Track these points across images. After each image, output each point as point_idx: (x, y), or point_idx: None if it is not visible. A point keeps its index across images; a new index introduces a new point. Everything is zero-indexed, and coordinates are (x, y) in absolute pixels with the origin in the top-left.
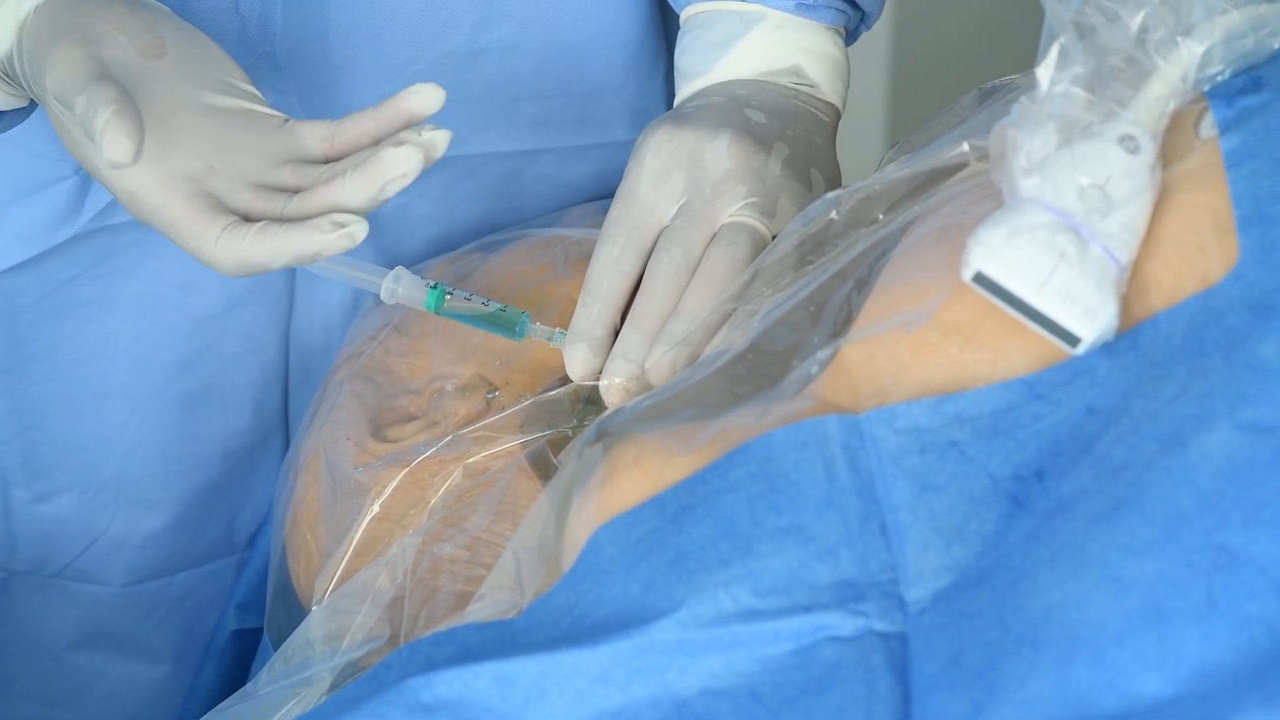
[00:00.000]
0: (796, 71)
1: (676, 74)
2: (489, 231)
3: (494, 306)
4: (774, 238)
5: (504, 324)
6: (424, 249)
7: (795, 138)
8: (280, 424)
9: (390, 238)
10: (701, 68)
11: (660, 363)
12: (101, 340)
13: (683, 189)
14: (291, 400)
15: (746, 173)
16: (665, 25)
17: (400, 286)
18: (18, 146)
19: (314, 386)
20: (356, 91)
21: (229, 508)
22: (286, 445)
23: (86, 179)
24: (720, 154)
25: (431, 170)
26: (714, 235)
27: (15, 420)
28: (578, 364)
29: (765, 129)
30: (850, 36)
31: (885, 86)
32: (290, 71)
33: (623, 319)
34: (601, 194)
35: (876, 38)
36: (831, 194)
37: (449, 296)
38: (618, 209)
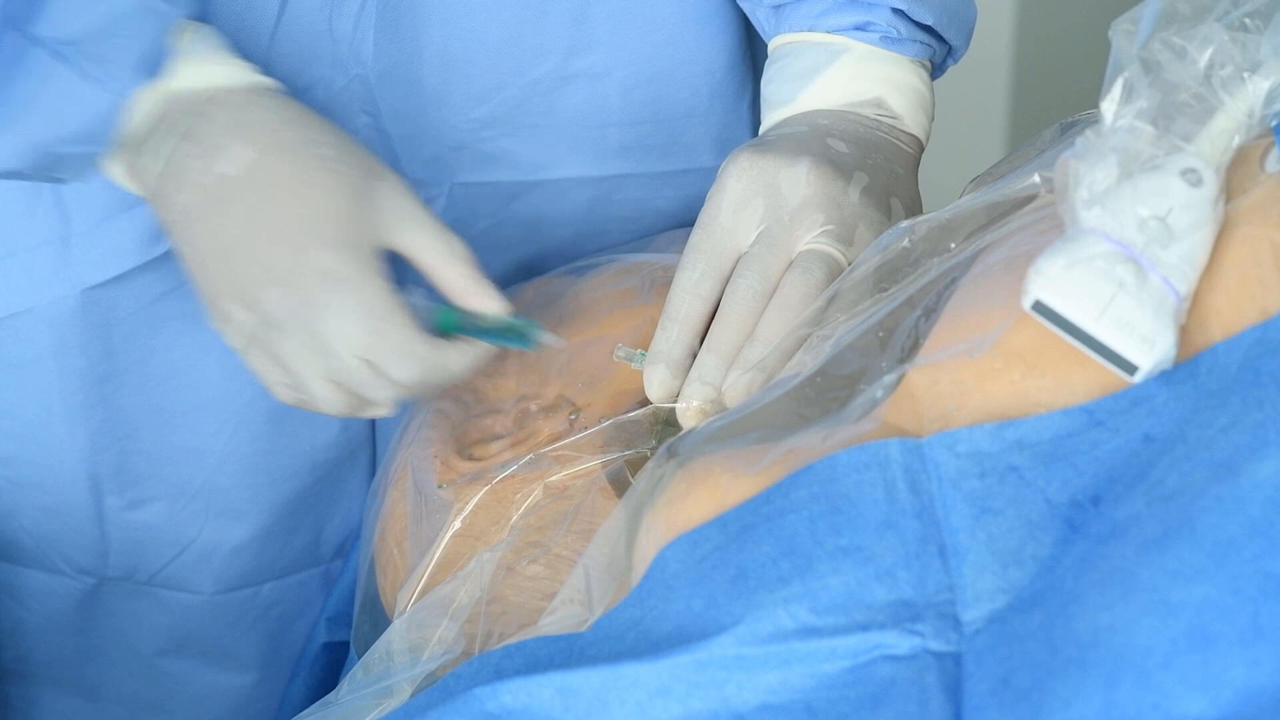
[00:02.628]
0: (879, 103)
1: (763, 103)
2: (576, 255)
3: (503, 320)
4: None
5: (516, 334)
6: (513, 272)
7: (875, 167)
8: (367, 438)
9: (481, 261)
10: (786, 97)
11: (736, 386)
12: (193, 354)
13: (762, 215)
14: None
15: (824, 200)
16: (752, 53)
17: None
18: None
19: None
20: (448, 116)
21: (316, 520)
22: (373, 459)
23: None
24: (799, 181)
25: (521, 193)
26: (791, 262)
27: (110, 430)
28: (656, 385)
29: (845, 158)
30: (936, 70)
31: (1006, 103)
32: (382, 93)
33: (701, 342)
34: (687, 220)
35: (998, 49)
36: (905, 222)
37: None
38: (698, 234)
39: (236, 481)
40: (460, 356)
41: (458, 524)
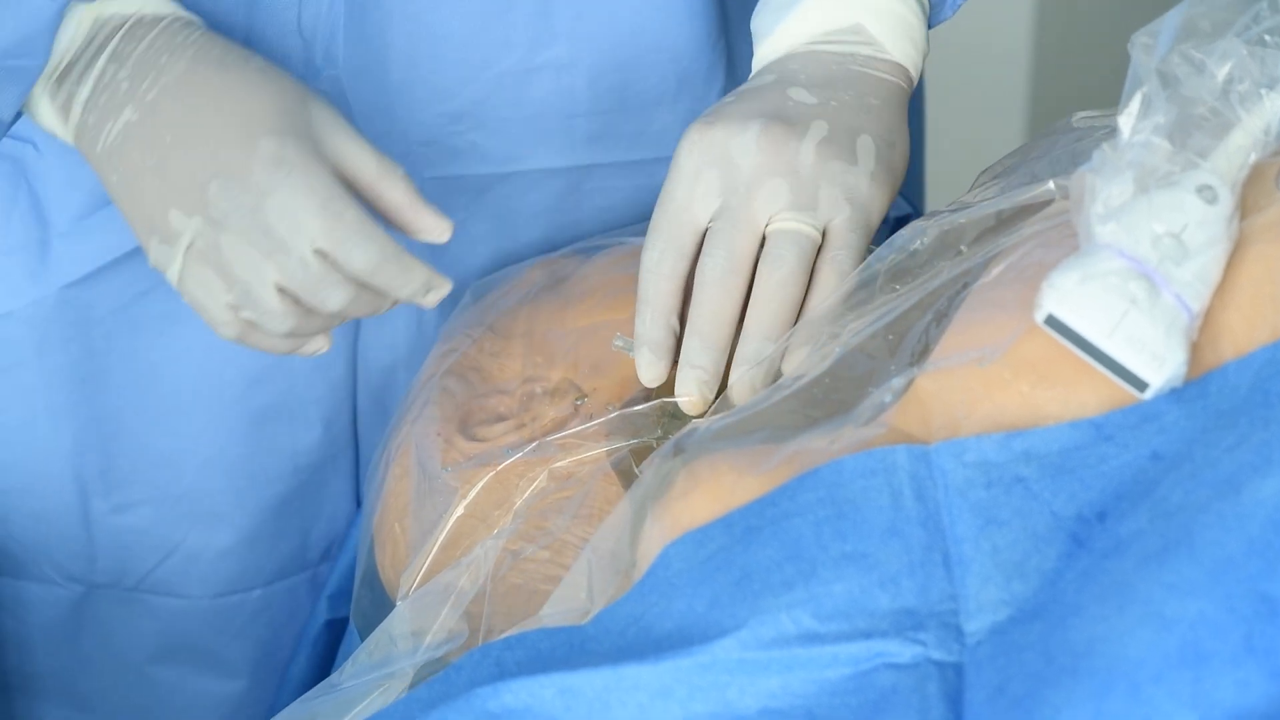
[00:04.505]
0: (858, 30)
1: (752, 35)
2: (551, 246)
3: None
4: (823, 231)
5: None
6: (485, 263)
7: (841, 106)
8: (350, 441)
9: (453, 254)
10: (766, 29)
11: (741, 382)
12: (174, 355)
13: (719, 188)
14: (360, 418)
15: (777, 165)
16: (727, 39)
17: None
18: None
19: (382, 404)
20: (415, 112)
21: (301, 524)
22: (357, 462)
23: None
24: (749, 148)
25: (491, 185)
26: (761, 239)
27: (94, 430)
28: (644, 369)
29: (805, 109)
30: (935, 12)
31: (1025, 95)
32: (354, 93)
33: (681, 321)
34: None
35: (1016, 40)
36: (918, 223)
37: None
38: (656, 213)
39: (220, 485)
40: (414, 258)
41: (461, 509)
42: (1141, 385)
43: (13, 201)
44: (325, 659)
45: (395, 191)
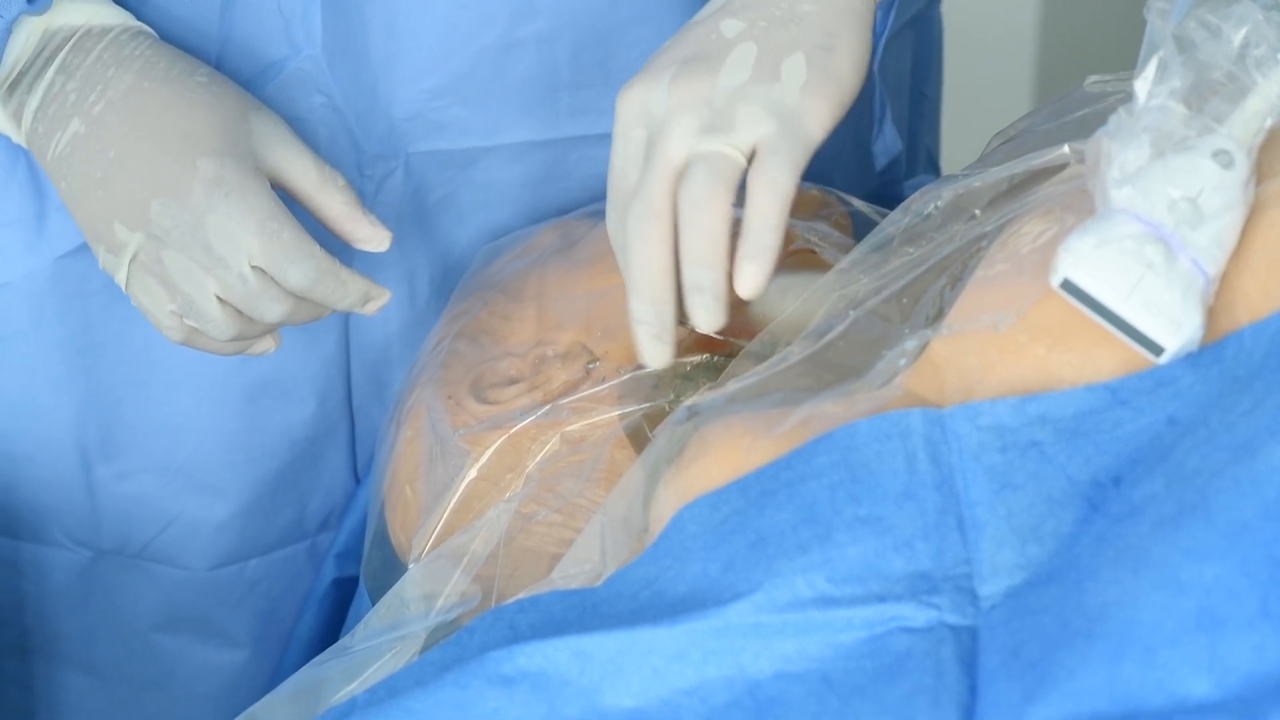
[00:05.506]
0: None
1: None
2: (536, 217)
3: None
4: (748, 155)
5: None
6: (472, 235)
7: (770, 25)
8: (345, 415)
9: (441, 227)
10: None
11: (695, 312)
12: None
13: (646, 141)
14: (355, 392)
15: (691, 101)
16: None
17: None
18: None
19: (377, 378)
20: (397, 88)
21: (298, 496)
22: (352, 436)
23: None
24: (663, 97)
25: (476, 159)
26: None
27: (94, 400)
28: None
29: (724, 42)
30: None
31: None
32: (333, 70)
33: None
34: None
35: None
36: (932, 187)
37: None
38: (607, 185)
39: (216, 458)
40: (350, 272)
41: (474, 473)
42: (1157, 350)
43: (10, 174)
44: (333, 618)
45: (335, 202)
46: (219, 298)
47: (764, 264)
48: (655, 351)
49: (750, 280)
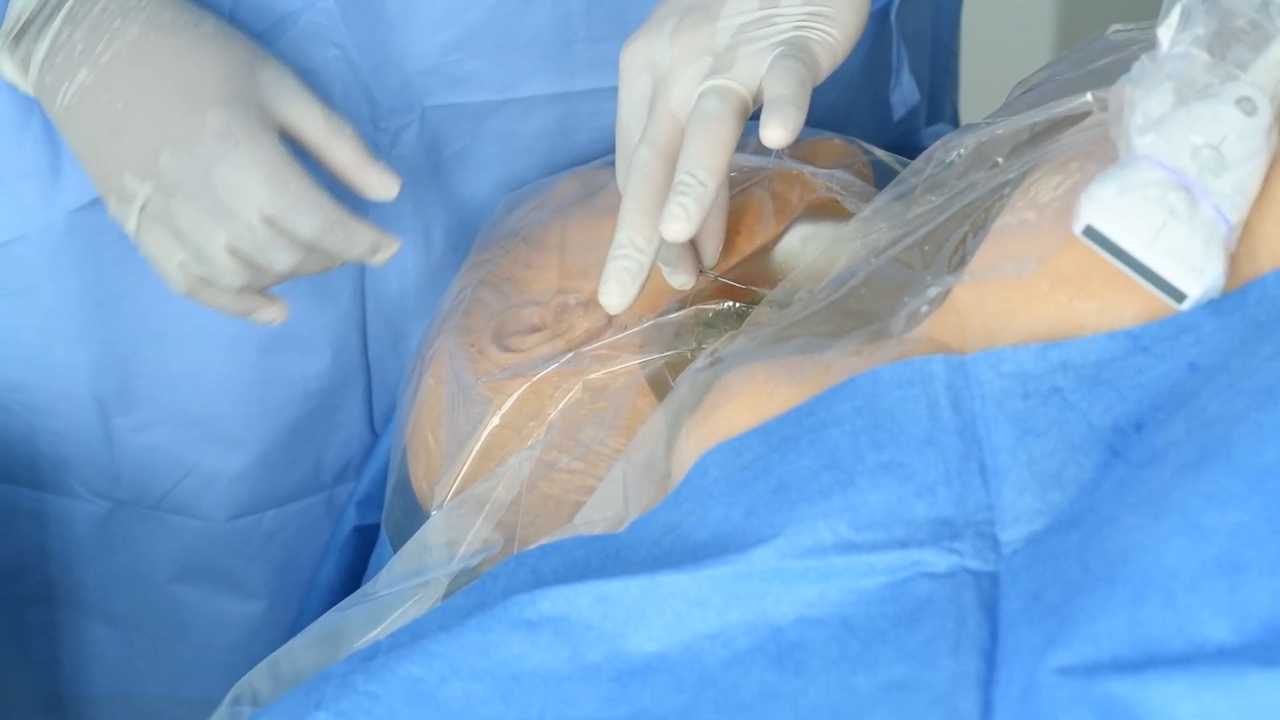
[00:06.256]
0: None
1: None
2: (551, 169)
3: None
4: (754, 94)
5: None
6: (489, 188)
7: None
8: (361, 367)
9: (457, 180)
10: None
11: (671, 217)
12: None
13: (650, 93)
14: (371, 344)
15: (693, 51)
16: None
17: None
18: None
19: (394, 329)
20: (413, 41)
21: (314, 448)
22: (369, 388)
23: None
24: (665, 48)
25: (491, 112)
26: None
27: (110, 352)
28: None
29: None
30: None
31: (1053, 6)
32: (348, 25)
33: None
34: None
35: None
36: (953, 135)
37: None
38: (615, 139)
39: (232, 409)
40: (360, 222)
41: (496, 420)
42: (1179, 296)
43: (24, 127)
44: (354, 565)
45: (343, 151)
46: (229, 249)
47: (789, 115)
48: (618, 290)
49: (777, 128)
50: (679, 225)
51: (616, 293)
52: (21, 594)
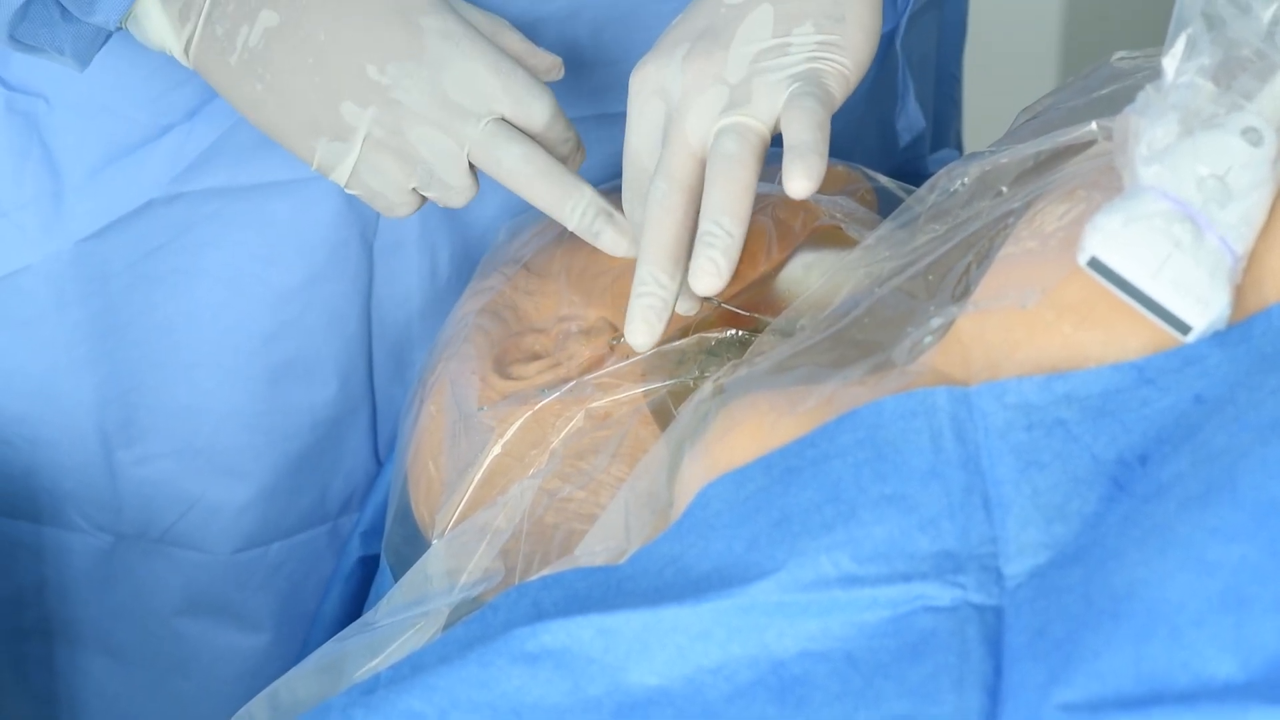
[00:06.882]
0: None
1: None
2: None
3: None
4: (771, 128)
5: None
6: (495, 213)
7: None
8: (366, 396)
9: (467, 219)
10: None
11: (699, 266)
12: (189, 309)
13: (662, 120)
14: (377, 373)
15: (706, 80)
16: None
17: None
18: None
19: (399, 359)
20: None
21: (320, 478)
22: (374, 417)
23: (165, 141)
24: (678, 74)
25: None
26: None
27: (115, 384)
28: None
29: (731, 16)
30: None
31: (1058, 33)
32: None
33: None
34: None
35: None
36: (958, 164)
37: None
38: (623, 164)
39: (238, 441)
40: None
41: (498, 449)
42: (1185, 328)
43: (25, 155)
44: (359, 595)
45: (511, 40)
46: (465, 159)
47: (813, 165)
48: (644, 329)
49: (800, 179)
50: (711, 281)
51: (643, 331)
52: (20, 627)
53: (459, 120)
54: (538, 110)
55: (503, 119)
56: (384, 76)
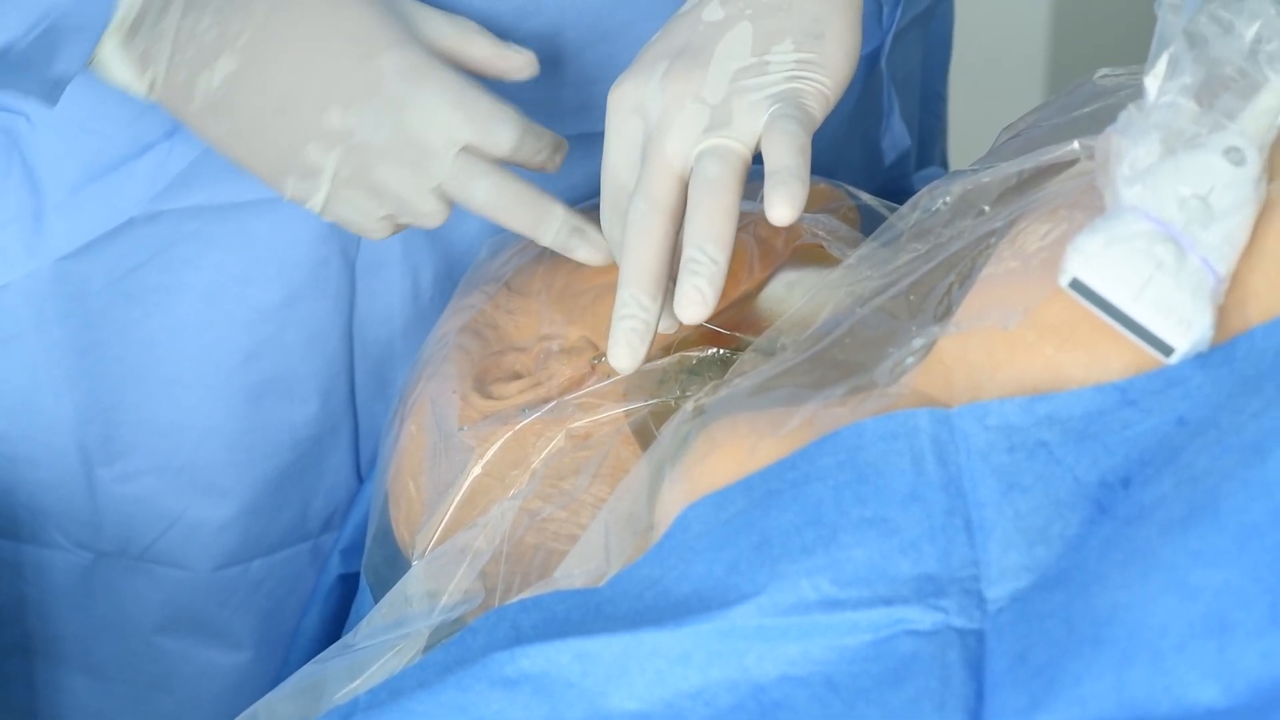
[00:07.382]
0: None
1: None
2: None
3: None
4: (751, 148)
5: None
6: (477, 231)
7: (756, 12)
8: (348, 414)
9: (447, 223)
10: None
11: (684, 294)
12: (170, 327)
13: (640, 138)
14: (359, 391)
15: (684, 99)
16: None
17: None
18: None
19: (381, 377)
20: None
21: (301, 496)
22: (356, 435)
23: (146, 159)
24: (656, 93)
25: None
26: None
27: (95, 401)
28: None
29: (710, 34)
30: None
31: (1044, 49)
32: None
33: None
34: None
35: None
36: (940, 182)
37: None
38: (601, 183)
39: (219, 458)
40: (535, 123)
41: (478, 469)
42: (1167, 350)
43: (5, 174)
44: (338, 614)
45: (478, 46)
46: (433, 191)
47: (795, 191)
48: (627, 353)
49: (782, 207)
50: (696, 310)
51: (626, 355)
52: (0, 645)
53: (425, 158)
54: (504, 136)
55: (470, 147)
56: (346, 120)
